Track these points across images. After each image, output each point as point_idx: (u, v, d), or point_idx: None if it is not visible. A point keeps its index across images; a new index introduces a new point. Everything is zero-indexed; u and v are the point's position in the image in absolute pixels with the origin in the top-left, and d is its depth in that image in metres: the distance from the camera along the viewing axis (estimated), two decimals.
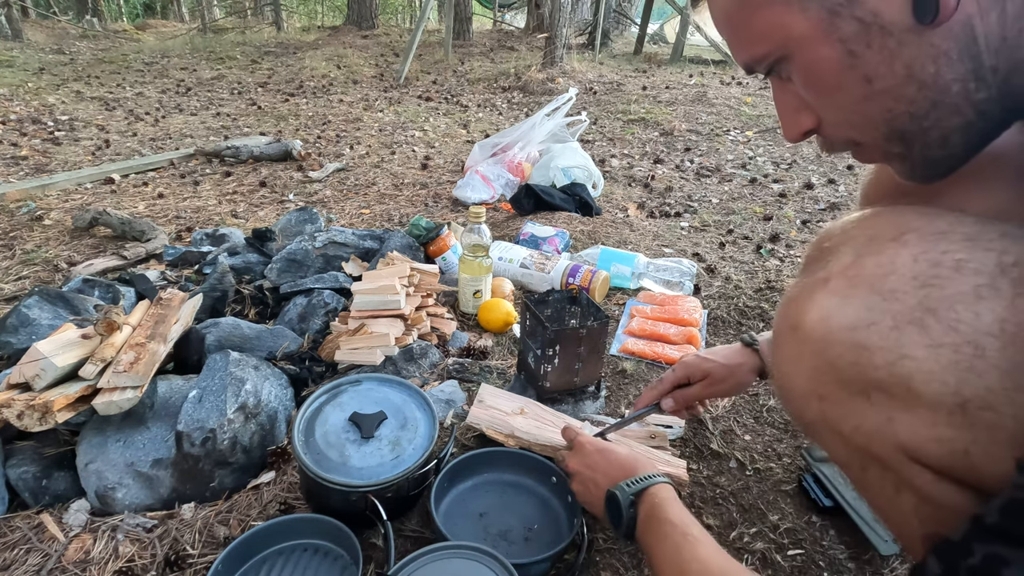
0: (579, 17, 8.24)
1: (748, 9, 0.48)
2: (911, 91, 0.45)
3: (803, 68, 0.49)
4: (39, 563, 0.91)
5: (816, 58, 0.47)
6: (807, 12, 0.45)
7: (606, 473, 0.85)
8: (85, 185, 2.69)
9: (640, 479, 0.80)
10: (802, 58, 0.48)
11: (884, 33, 0.44)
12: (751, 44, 0.50)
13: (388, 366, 1.34)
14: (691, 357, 1.06)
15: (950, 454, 0.46)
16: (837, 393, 0.51)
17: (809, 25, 0.46)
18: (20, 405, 0.97)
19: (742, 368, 1.02)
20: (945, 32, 0.42)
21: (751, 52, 0.51)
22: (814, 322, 0.51)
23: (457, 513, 1.00)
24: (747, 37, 0.50)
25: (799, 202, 2.63)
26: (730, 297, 1.76)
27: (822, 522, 1.03)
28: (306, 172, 2.96)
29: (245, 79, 5.27)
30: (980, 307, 0.44)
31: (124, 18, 11.53)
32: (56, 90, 4.44)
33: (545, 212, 2.32)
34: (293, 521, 0.93)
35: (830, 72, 0.47)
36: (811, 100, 0.51)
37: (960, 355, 0.44)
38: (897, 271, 0.48)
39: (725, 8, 0.51)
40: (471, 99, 4.83)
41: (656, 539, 0.72)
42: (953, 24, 0.42)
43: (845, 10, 0.44)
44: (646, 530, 0.75)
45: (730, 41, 0.52)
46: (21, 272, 1.88)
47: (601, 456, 0.88)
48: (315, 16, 12.36)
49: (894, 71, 0.45)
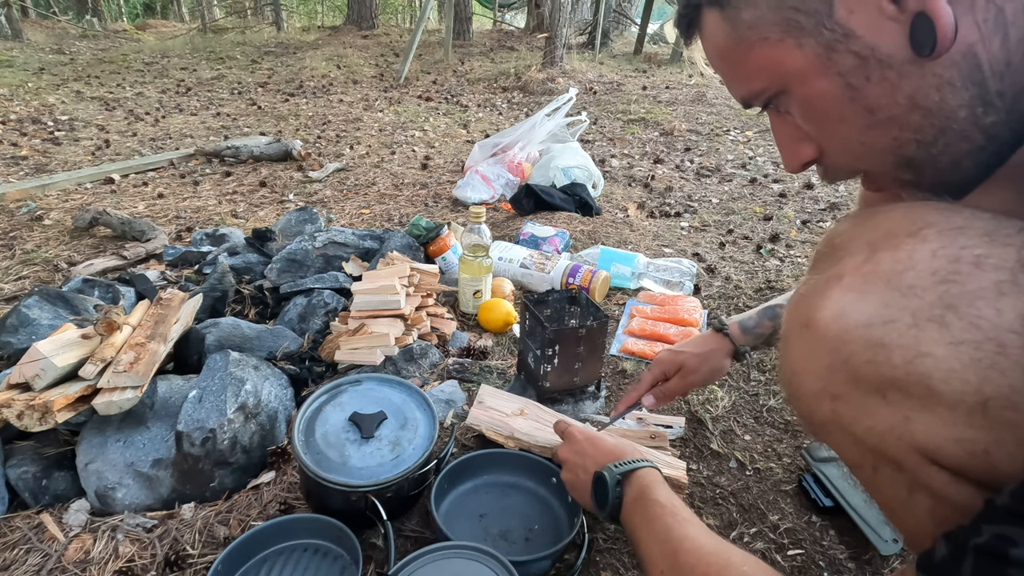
0: (579, 17, 8.24)
1: (744, 46, 0.48)
2: (916, 119, 0.45)
3: (802, 102, 0.48)
4: (39, 563, 0.91)
5: (815, 92, 0.47)
6: (803, 48, 0.45)
7: (595, 459, 0.85)
8: (85, 185, 2.69)
9: (628, 462, 0.80)
10: (800, 92, 0.48)
11: (883, 66, 0.43)
12: (748, 80, 0.50)
13: (388, 366, 1.34)
14: (664, 352, 1.07)
15: (969, 455, 0.45)
16: (851, 392, 0.49)
17: (806, 61, 0.46)
18: (20, 405, 0.97)
19: (715, 354, 1.02)
20: (947, 61, 0.42)
21: (748, 88, 0.51)
22: (828, 319, 0.49)
23: (457, 514, 1.00)
24: (743, 73, 0.50)
25: (799, 202, 2.63)
26: (730, 297, 1.76)
27: (822, 522, 1.03)
28: (306, 172, 2.96)
29: (245, 79, 5.26)
30: (1002, 303, 0.43)
31: (124, 18, 11.53)
32: (56, 90, 4.44)
33: (545, 212, 2.32)
34: (293, 521, 0.93)
35: (831, 105, 0.47)
36: (812, 132, 0.50)
37: (982, 352, 0.43)
38: (916, 267, 0.46)
39: (720, 45, 0.51)
40: (471, 99, 4.83)
41: (644, 520, 0.72)
42: (954, 53, 0.41)
43: (842, 45, 0.44)
44: (633, 511, 0.74)
45: (726, 77, 0.52)
46: (21, 272, 1.88)
47: (590, 443, 0.89)
48: (315, 16, 12.37)
49: (896, 102, 0.44)
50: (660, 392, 1.04)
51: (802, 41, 0.45)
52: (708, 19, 0.51)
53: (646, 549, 0.69)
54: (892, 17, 0.42)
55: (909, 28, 0.41)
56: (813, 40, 0.45)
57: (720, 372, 1.03)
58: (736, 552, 0.61)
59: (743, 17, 0.47)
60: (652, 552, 0.67)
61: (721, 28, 0.49)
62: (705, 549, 0.61)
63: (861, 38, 0.43)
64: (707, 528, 0.67)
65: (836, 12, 0.43)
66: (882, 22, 0.42)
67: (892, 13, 0.42)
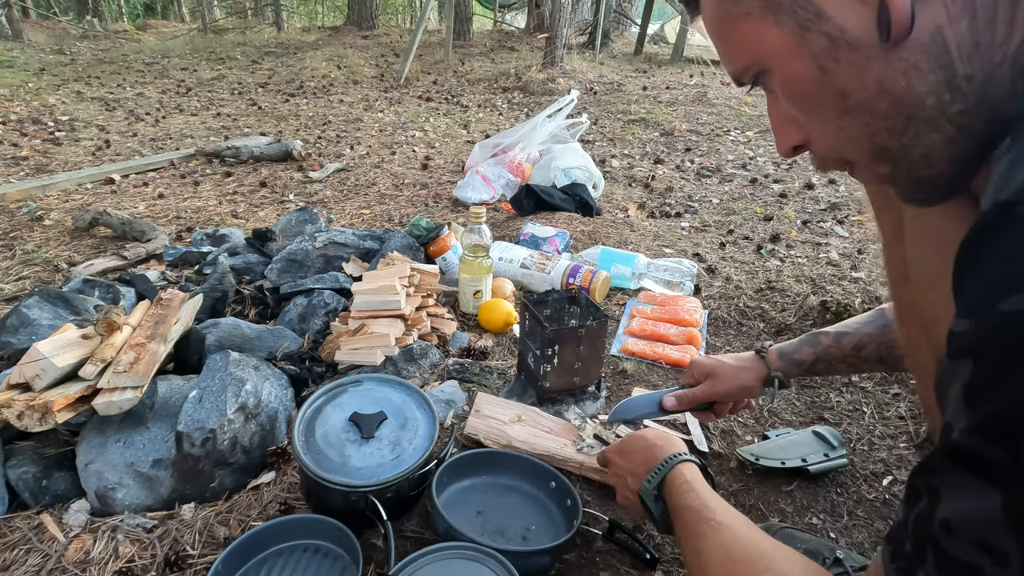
0: (579, 17, 8.23)
1: (729, 21, 0.49)
2: (884, 106, 0.44)
3: (782, 82, 0.49)
4: (39, 563, 0.91)
5: (791, 72, 0.47)
6: (781, 26, 0.45)
7: (633, 473, 0.85)
8: (85, 185, 2.69)
9: (658, 468, 0.79)
10: (780, 72, 0.48)
11: (852, 49, 0.43)
12: (734, 56, 0.51)
13: (388, 366, 1.33)
14: (701, 357, 1.05)
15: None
16: None
17: (783, 39, 0.46)
18: (20, 405, 0.97)
19: (747, 372, 1.00)
20: (914, 44, 0.41)
21: (734, 64, 0.51)
22: None
23: (455, 509, 1.00)
24: (730, 48, 0.51)
25: (800, 202, 2.63)
26: (731, 297, 1.76)
27: (823, 523, 1.03)
28: (306, 172, 2.96)
29: (245, 79, 5.27)
30: None
31: (124, 18, 11.54)
32: (56, 90, 4.44)
33: (545, 212, 2.32)
34: (293, 521, 0.93)
35: (807, 86, 0.47)
36: (796, 114, 0.50)
37: None
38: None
39: (711, 20, 0.51)
40: (471, 99, 4.83)
41: (679, 529, 0.72)
42: (921, 35, 0.41)
43: (815, 25, 0.44)
44: (675, 520, 0.75)
45: (719, 52, 0.53)
46: (21, 272, 1.88)
47: (623, 458, 0.89)
48: (315, 16, 12.37)
49: (866, 85, 0.44)
50: (684, 395, 1.02)
51: (780, 19, 0.45)
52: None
53: (685, 558, 0.70)
54: (862, 0, 0.42)
55: (877, 11, 0.41)
56: (790, 18, 0.45)
57: (749, 391, 1.01)
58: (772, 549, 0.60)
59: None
60: (688, 563, 0.69)
61: (712, 2, 0.50)
62: (735, 560, 0.61)
63: (832, 19, 0.43)
64: (741, 529, 0.65)
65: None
66: (852, 4, 0.42)
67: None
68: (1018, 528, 0.31)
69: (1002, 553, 0.32)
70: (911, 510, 0.38)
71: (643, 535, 0.97)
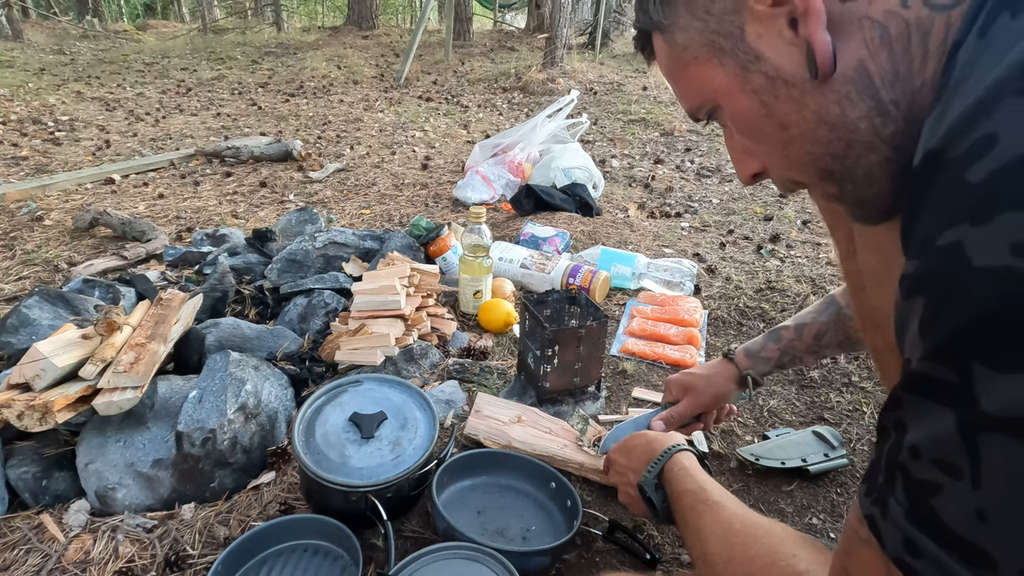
0: (579, 17, 8.24)
1: (680, 65, 0.54)
2: (823, 133, 0.48)
3: (731, 117, 0.53)
4: (39, 563, 0.91)
5: (739, 108, 0.51)
6: (725, 67, 0.50)
7: (634, 469, 0.88)
8: (85, 185, 2.69)
9: (657, 459, 0.83)
10: (728, 108, 0.52)
11: (788, 85, 0.47)
12: (687, 95, 0.56)
13: (388, 366, 1.33)
14: (674, 375, 1.09)
15: None
16: None
17: (728, 79, 0.50)
18: (20, 405, 0.97)
19: (719, 377, 1.03)
20: (842, 77, 0.45)
21: (689, 102, 0.57)
22: None
23: (455, 509, 1.00)
24: (683, 89, 0.56)
25: (799, 202, 2.63)
26: (730, 297, 1.76)
27: (823, 523, 1.03)
28: (306, 172, 2.96)
29: (245, 79, 5.27)
30: None
31: (124, 18, 11.55)
32: (56, 90, 4.44)
33: (545, 212, 2.32)
34: (293, 521, 0.93)
35: (753, 120, 0.51)
36: (749, 145, 0.55)
37: None
38: None
39: (665, 64, 0.57)
40: (471, 99, 4.83)
41: (679, 512, 0.76)
42: (847, 69, 0.45)
43: (753, 66, 0.48)
44: (674, 505, 0.78)
45: (674, 92, 0.59)
46: (21, 272, 1.88)
47: (624, 456, 0.91)
48: (315, 16, 12.38)
49: (805, 118, 0.48)
50: (669, 415, 1.04)
51: (723, 61, 0.50)
52: (655, 42, 0.57)
53: (686, 541, 0.73)
54: (791, 42, 0.46)
55: (806, 51, 0.46)
56: (732, 61, 0.49)
57: (725, 397, 1.04)
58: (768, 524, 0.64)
59: (678, 39, 0.53)
60: (689, 544, 0.72)
61: (663, 49, 0.56)
62: (735, 532, 0.65)
63: (768, 60, 0.47)
64: (738, 507, 0.69)
65: (747, 36, 0.48)
66: (783, 46, 0.47)
67: (791, 39, 0.46)
68: (970, 444, 0.33)
69: (956, 467, 0.34)
70: (882, 447, 0.41)
71: (643, 535, 0.97)
